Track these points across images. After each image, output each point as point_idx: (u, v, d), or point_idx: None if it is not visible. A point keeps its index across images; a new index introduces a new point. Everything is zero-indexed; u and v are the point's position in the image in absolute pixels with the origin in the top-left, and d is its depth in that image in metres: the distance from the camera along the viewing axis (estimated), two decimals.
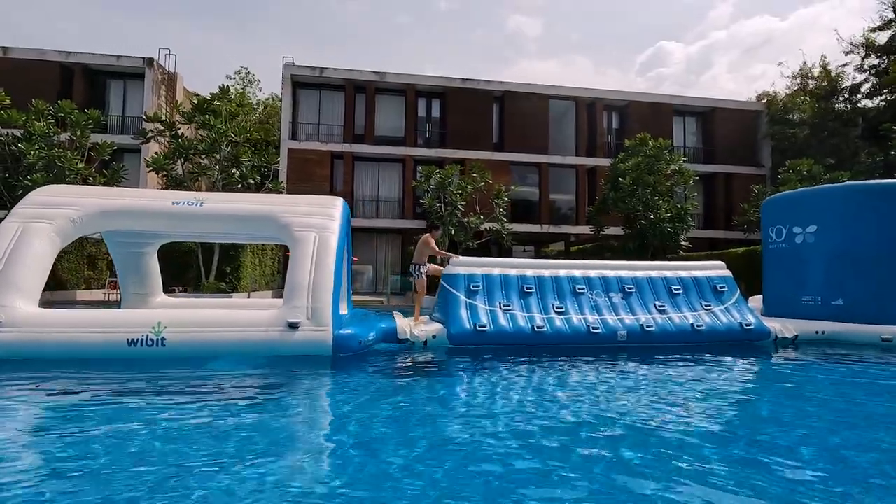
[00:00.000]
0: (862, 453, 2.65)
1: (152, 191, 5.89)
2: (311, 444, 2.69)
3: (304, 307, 4.77)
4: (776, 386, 4.74)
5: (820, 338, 7.04)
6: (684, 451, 2.57)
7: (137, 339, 4.50)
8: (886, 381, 4.74)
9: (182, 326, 4.58)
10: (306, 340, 4.69)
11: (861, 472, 2.40)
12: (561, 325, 6.03)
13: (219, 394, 3.65)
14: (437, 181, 16.65)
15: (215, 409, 3.23)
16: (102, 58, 22.19)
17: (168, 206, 5.37)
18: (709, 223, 25.17)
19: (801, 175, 17.06)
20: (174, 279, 14.74)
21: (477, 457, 2.46)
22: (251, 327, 4.64)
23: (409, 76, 23.48)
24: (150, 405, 3.31)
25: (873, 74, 22.51)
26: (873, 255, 7.18)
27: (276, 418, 3.11)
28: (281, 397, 3.67)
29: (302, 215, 5.41)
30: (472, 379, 4.49)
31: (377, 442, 2.74)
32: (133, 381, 3.97)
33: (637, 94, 25.44)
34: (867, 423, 3.27)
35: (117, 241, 6.78)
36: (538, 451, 2.54)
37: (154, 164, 13.37)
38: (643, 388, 4.07)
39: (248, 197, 5.88)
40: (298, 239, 5.19)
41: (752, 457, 2.53)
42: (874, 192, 7.39)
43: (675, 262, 7.50)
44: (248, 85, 33.66)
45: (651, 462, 2.40)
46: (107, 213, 5.36)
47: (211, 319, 4.69)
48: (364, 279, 23.14)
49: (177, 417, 3.06)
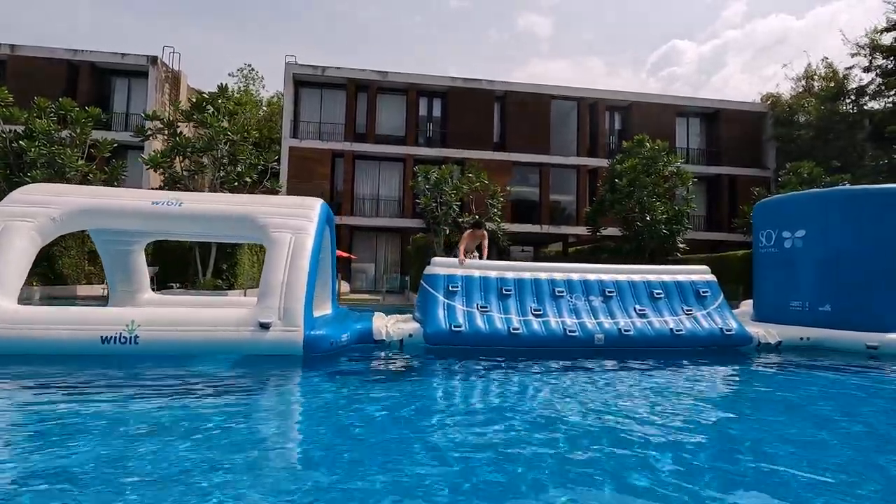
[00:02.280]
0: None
1: (133, 190, 5.97)
2: (266, 445, 2.72)
3: (277, 307, 4.82)
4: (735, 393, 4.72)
5: (805, 344, 6.97)
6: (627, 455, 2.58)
7: (111, 336, 4.58)
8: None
9: (155, 324, 4.65)
10: (277, 340, 4.74)
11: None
12: (538, 327, 6.04)
13: (178, 392, 3.71)
14: (434, 181, 16.68)
15: (174, 408, 3.28)
16: (108, 56, 22.50)
17: (147, 206, 5.45)
18: (712, 225, 25.00)
19: (802, 178, 16.89)
20: (172, 277, 14.93)
21: (436, 458, 2.49)
22: (223, 326, 4.70)
23: (410, 75, 23.54)
24: (106, 402, 3.38)
25: (879, 76, 22.21)
26: (860, 261, 7.11)
27: (229, 417, 3.15)
28: (241, 396, 3.71)
29: (279, 216, 5.46)
30: (436, 380, 4.51)
31: (332, 440, 2.79)
32: (101, 379, 4.04)
33: (640, 95, 25.30)
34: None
35: (104, 239, 6.88)
36: (495, 455, 2.56)
37: (151, 162, 13.51)
38: (597, 393, 4.08)
39: (227, 198, 5.95)
40: (274, 240, 5.24)
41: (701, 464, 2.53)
42: (861, 198, 7.31)
43: (659, 266, 7.46)
44: (252, 82, 33.85)
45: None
46: (87, 212, 5.45)
47: (183, 318, 4.75)
48: (365, 278, 23.26)
49: (131, 413, 3.12)
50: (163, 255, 15.22)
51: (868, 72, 22.97)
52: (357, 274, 23.06)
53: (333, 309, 7.56)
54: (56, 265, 14.22)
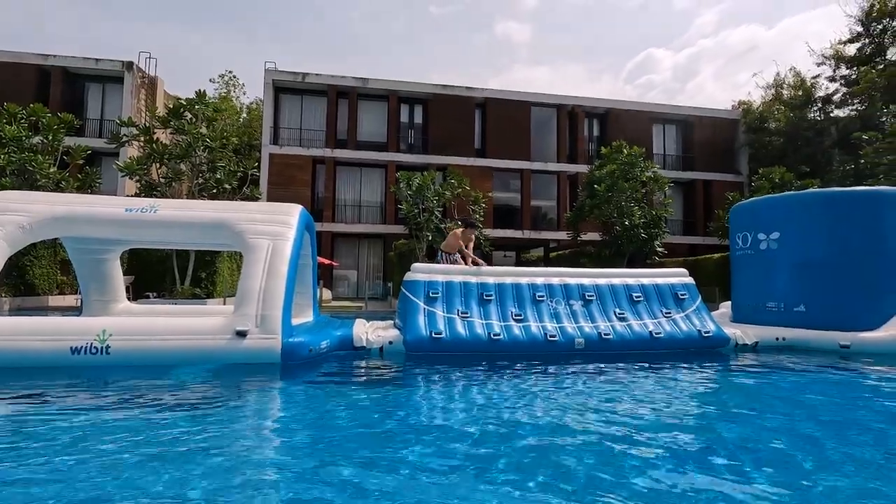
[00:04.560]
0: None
1: (106, 197, 5.82)
2: (236, 455, 2.66)
3: (254, 315, 4.74)
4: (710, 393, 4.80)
5: (781, 344, 7.12)
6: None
7: (81, 346, 4.44)
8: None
9: (127, 334, 4.53)
10: (254, 348, 4.66)
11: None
12: (518, 333, 6.05)
13: (147, 403, 3.61)
14: (416, 187, 16.68)
15: (148, 418, 3.19)
16: (81, 61, 22.01)
17: (121, 213, 5.32)
18: (688, 229, 25.51)
19: (774, 183, 17.37)
20: (149, 286, 14.60)
21: (412, 464, 2.46)
22: (198, 335, 4.60)
23: (391, 82, 23.57)
24: (74, 414, 3.26)
25: (844, 85, 23.06)
26: (832, 262, 7.30)
27: (203, 425, 3.07)
28: (212, 406, 3.63)
29: (256, 223, 5.38)
30: (414, 389, 4.48)
31: (306, 450, 2.73)
32: (73, 389, 3.92)
33: (617, 102, 25.77)
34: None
35: (77, 248, 6.69)
36: (471, 461, 2.54)
37: (126, 169, 13.22)
38: (572, 397, 4.10)
39: (203, 204, 5.84)
40: (251, 246, 5.16)
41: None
42: (833, 200, 7.52)
43: (637, 270, 7.56)
44: (233, 89, 33.50)
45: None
46: (58, 220, 5.29)
47: (157, 327, 4.64)
48: (347, 285, 23.08)
49: (107, 426, 3.02)
50: (139, 264, 14.88)
51: (833, 81, 23.87)
52: (339, 281, 22.87)
53: (314, 316, 7.47)
54: (27, 275, 13.78)
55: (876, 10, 21.83)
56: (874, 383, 4.99)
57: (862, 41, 22.70)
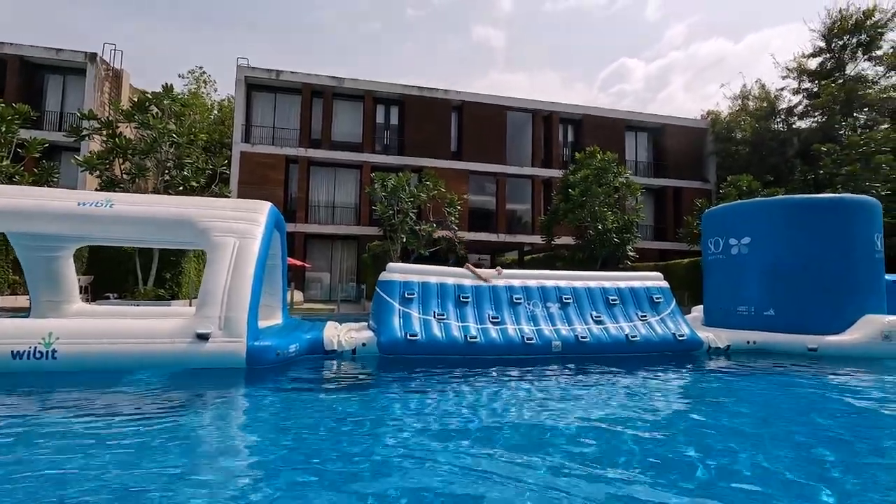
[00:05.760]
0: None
1: (58, 191, 5.42)
2: (189, 465, 2.43)
3: (217, 317, 4.46)
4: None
5: (752, 347, 7.21)
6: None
7: (24, 351, 4.08)
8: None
9: (76, 337, 4.19)
10: (217, 352, 4.38)
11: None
12: (495, 335, 5.92)
13: (96, 412, 3.31)
14: (390, 188, 16.45)
15: (91, 429, 2.91)
16: (41, 50, 20.96)
17: (73, 207, 4.95)
18: (659, 235, 26.00)
19: (741, 190, 17.83)
20: (110, 286, 13.89)
21: (382, 472, 2.29)
22: (155, 338, 4.29)
23: (367, 82, 23.28)
24: (12, 425, 2.96)
25: (806, 97, 23.96)
26: (800, 267, 7.45)
27: (154, 437, 2.82)
28: (172, 413, 3.36)
29: (222, 220, 5.09)
30: (385, 393, 4.29)
31: (264, 460, 2.51)
32: (11, 396, 3.57)
33: (591, 109, 26.12)
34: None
35: (24, 245, 6.23)
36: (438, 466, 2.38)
37: (86, 164, 12.57)
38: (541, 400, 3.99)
39: (165, 199, 5.50)
40: (216, 244, 4.88)
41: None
42: (801, 207, 7.69)
43: (613, 273, 7.56)
44: (203, 84, 32.53)
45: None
46: (3, 214, 4.90)
47: (110, 330, 4.31)
48: (320, 287, 22.59)
49: (45, 436, 2.73)
50: (100, 263, 14.15)
51: (797, 94, 24.79)
52: (312, 283, 22.37)
53: (284, 319, 7.18)
54: None
55: (837, 27, 22.78)
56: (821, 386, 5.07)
57: (823, 56, 23.66)
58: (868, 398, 4.46)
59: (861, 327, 6.81)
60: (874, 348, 6.56)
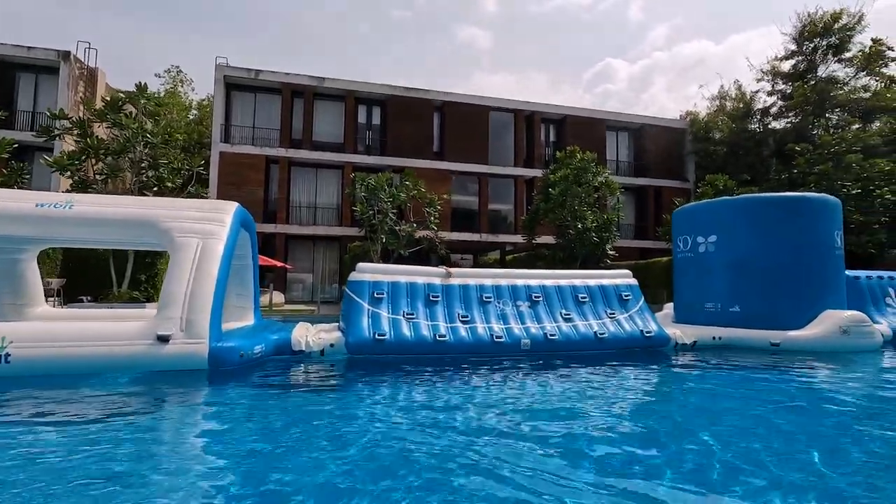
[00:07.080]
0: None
1: (15, 191, 5.33)
2: (142, 473, 2.42)
3: (178, 318, 4.43)
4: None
5: (717, 343, 7.36)
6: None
7: None
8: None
9: (31, 341, 4.12)
10: (178, 354, 4.35)
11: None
12: (465, 334, 5.97)
13: (49, 418, 3.28)
14: (370, 188, 16.42)
15: (40, 436, 2.88)
16: (11, 48, 20.49)
17: (31, 208, 4.87)
18: (640, 233, 26.34)
19: (718, 189, 18.15)
20: (83, 289, 13.64)
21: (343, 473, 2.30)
22: (114, 341, 4.25)
23: (348, 82, 23.18)
24: None
25: (780, 99, 24.48)
26: (764, 264, 7.63)
27: (109, 442, 2.79)
28: (128, 418, 3.33)
29: (186, 220, 5.05)
30: (348, 394, 4.30)
31: (221, 466, 2.51)
32: None
33: (573, 109, 26.35)
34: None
35: None
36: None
37: (56, 164, 12.34)
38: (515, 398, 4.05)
39: (128, 200, 5.43)
40: (178, 245, 4.84)
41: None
42: (764, 205, 7.87)
43: (583, 271, 7.66)
44: (180, 84, 32.07)
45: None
46: None
47: (66, 333, 4.25)
48: (301, 288, 22.45)
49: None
50: (75, 265, 13.90)
51: (772, 95, 25.33)
52: (294, 284, 22.22)
53: (256, 320, 7.14)
54: None
55: (807, 31, 23.33)
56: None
57: (796, 58, 24.22)
58: (814, 390, 4.62)
59: (821, 322, 6.99)
60: (833, 342, 6.75)
